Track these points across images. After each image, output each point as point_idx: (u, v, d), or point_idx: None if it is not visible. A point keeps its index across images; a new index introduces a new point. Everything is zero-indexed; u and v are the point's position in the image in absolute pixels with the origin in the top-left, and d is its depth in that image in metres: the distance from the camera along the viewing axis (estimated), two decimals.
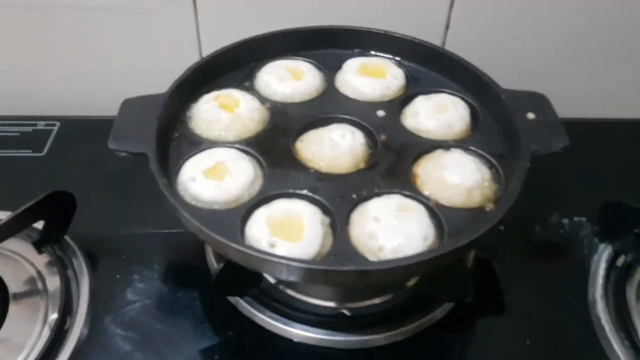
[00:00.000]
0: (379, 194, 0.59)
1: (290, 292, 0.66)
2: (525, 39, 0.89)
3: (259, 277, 0.63)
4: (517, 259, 0.72)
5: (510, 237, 0.68)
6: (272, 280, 0.67)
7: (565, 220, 0.76)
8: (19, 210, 0.65)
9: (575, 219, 0.76)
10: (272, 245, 0.55)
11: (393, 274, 0.51)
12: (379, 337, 0.63)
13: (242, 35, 0.75)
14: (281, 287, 0.67)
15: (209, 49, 0.87)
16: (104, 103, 0.92)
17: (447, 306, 0.66)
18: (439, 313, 0.65)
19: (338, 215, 0.57)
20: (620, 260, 0.70)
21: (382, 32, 0.76)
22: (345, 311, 0.65)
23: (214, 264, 0.69)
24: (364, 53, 0.78)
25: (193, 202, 0.59)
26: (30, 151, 0.87)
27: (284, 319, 0.64)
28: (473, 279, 0.63)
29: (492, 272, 0.70)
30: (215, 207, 0.59)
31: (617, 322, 0.64)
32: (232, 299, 0.66)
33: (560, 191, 0.78)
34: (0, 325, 0.63)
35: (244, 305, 0.65)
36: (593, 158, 0.82)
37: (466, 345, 0.65)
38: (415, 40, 0.74)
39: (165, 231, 0.75)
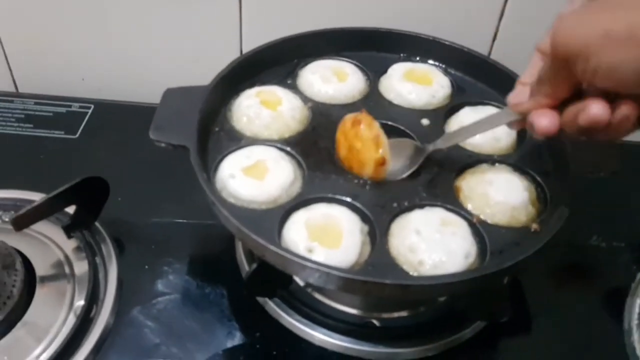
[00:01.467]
0: (421, 206, 0.58)
1: (319, 296, 0.65)
2: None
3: (289, 279, 0.62)
4: (552, 281, 0.71)
5: (546, 257, 0.66)
6: (301, 282, 0.66)
7: (604, 245, 0.74)
8: (51, 194, 0.64)
9: (614, 244, 0.74)
10: (310, 251, 0.53)
11: (434, 291, 0.50)
12: (407, 350, 0.62)
13: (283, 32, 0.74)
14: (310, 290, 0.66)
15: (249, 45, 0.86)
16: (138, 90, 0.93)
17: (479, 324, 0.64)
18: (469, 331, 0.63)
19: (378, 224, 0.56)
20: None
21: (431, 38, 0.74)
22: (374, 321, 0.64)
23: (243, 261, 0.68)
24: (409, 58, 0.76)
25: (230, 200, 0.58)
26: (62, 133, 0.86)
27: (313, 324, 0.63)
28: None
29: (524, 292, 0.69)
30: (253, 206, 0.57)
31: None
32: (260, 299, 0.65)
33: (601, 214, 0.76)
34: (26, 307, 0.62)
35: (272, 307, 0.64)
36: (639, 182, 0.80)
37: None
38: (465, 49, 0.73)
39: (196, 222, 0.74)
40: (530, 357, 0.63)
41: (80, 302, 0.64)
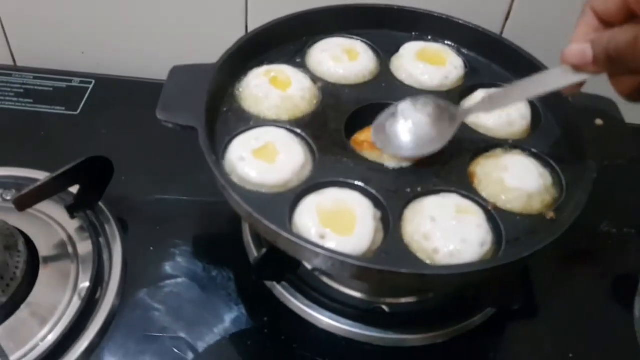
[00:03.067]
0: (435, 192, 0.57)
1: (328, 281, 0.64)
2: None
3: (297, 263, 0.61)
4: (561, 267, 0.70)
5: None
6: (309, 266, 0.65)
7: (614, 231, 0.73)
8: (55, 174, 0.63)
9: (625, 230, 0.73)
10: (322, 237, 0.52)
11: (450, 281, 0.49)
12: (416, 337, 0.61)
13: (291, 9, 0.71)
14: (318, 274, 0.65)
15: (255, 21, 0.84)
16: (140, 65, 0.90)
17: (488, 311, 0.63)
18: (479, 318, 0.63)
19: (391, 210, 0.55)
20: None
21: (445, 16, 0.72)
22: (384, 307, 0.63)
23: (250, 243, 0.67)
24: (422, 37, 0.74)
25: (240, 183, 0.56)
26: (63, 108, 0.84)
27: (321, 309, 0.62)
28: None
29: (532, 279, 0.68)
30: (263, 190, 0.56)
31: None
32: (268, 283, 0.64)
33: (612, 200, 0.75)
34: (30, 288, 0.61)
35: (280, 291, 0.63)
36: None
37: (505, 354, 0.63)
38: (479, 29, 0.71)
39: (201, 200, 0.73)
40: (539, 345, 0.63)
41: (85, 284, 0.63)
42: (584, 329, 0.64)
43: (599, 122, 0.61)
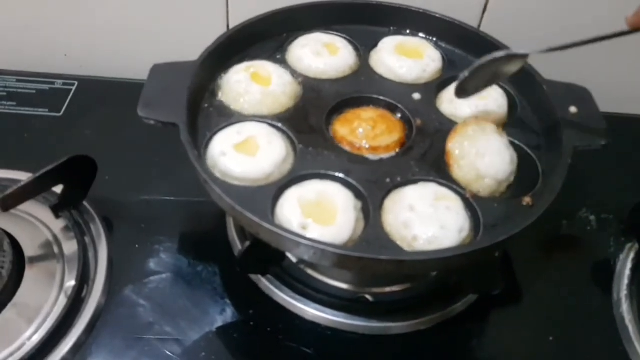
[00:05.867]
0: (414, 181, 0.58)
1: (312, 272, 0.65)
2: (566, 27, 0.85)
3: (282, 255, 0.62)
4: (542, 253, 0.71)
5: (536, 230, 0.66)
6: (293, 259, 0.66)
7: (593, 217, 0.74)
8: (38, 173, 0.63)
9: (603, 216, 0.74)
10: (304, 228, 0.53)
11: (429, 266, 0.50)
12: (400, 324, 0.62)
13: (272, 6, 0.72)
14: (303, 266, 0.66)
15: (236, 18, 0.84)
16: (123, 66, 0.90)
17: (470, 298, 0.65)
18: (461, 304, 0.64)
19: (371, 200, 0.56)
20: None
21: (421, 10, 0.73)
22: (367, 296, 0.64)
23: (235, 238, 0.68)
24: (400, 32, 0.75)
25: (222, 177, 0.57)
26: (46, 110, 0.84)
27: (306, 300, 0.63)
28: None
29: (514, 265, 0.69)
30: (245, 183, 0.57)
31: None
32: (253, 276, 0.64)
33: (590, 187, 0.77)
34: (16, 289, 0.62)
35: (266, 284, 0.64)
36: (627, 155, 0.80)
37: (487, 339, 0.64)
38: (455, 22, 0.72)
39: (186, 199, 0.73)
40: (521, 329, 0.64)
41: (70, 282, 0.63)
42: (564, 313, 0.65)
43: (573, 109, 0.62)
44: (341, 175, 0.58)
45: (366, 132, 0.61)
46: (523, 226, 0.51)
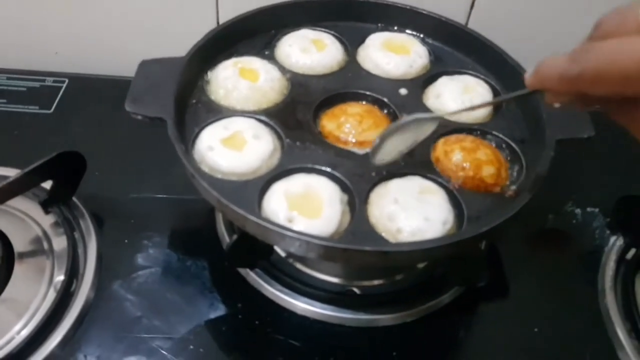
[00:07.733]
0: (399, 174, 0.58)
1: (300, 266, 0.66)
2: (552, 23, 0.86)
3: (270, 249, 0.63)
4: (529, 246, 0.72)
5: (522, 223, 0.67)
6: (282, 253, 0.66)
7: (578, 211, 0.75)
8: (27, 169, 0.64)
9: (589, 209, 0.75)
10: (290, 220, 0.54)
11: (412, 257, 0.51)
12: (387, 317, 0.63)
13: (260, 3, 0.73)
14: (291, 260, 0.66)
15: (226, 15, 0.84)
16: (113, 63, 0.91)
17: (457, 290, 0.65)
18: (447, 296, 0.65)
19: (357, 194, 0.57)
20: (631, 253, 0.70)
21: (408, 7, 0.74)
22: (355, 289, 0.64)
23: (224, 233, 0.69)
24: (387, 28, 0.76)
25: (209, 172, 0.58)
26: (37, 107, 0.85)
27: (294, 293, 0.63)
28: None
29: (501, 258, 0.70)
30: (232, 177, 0.57)
31: (624, 314, 0.64)
32: (242, 270, 0.65)
33: (575, 180, 0.78)
34: (5, 284, 0.62)
35: (254, 278, 0.64)
36: (612, 149, 0.81)
37: (474, 330, 0.64)
38: (442, 19, 0.73)
39: (175, 196, 0.73)
40: (507, 321, 0.65)
41: (60, 278, 0.63)
42: (550, 305, 0.66)
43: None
44: (328, 169, 0.58)
45: (353, 126, 0.62)
46: (505, 217, 0.51)
